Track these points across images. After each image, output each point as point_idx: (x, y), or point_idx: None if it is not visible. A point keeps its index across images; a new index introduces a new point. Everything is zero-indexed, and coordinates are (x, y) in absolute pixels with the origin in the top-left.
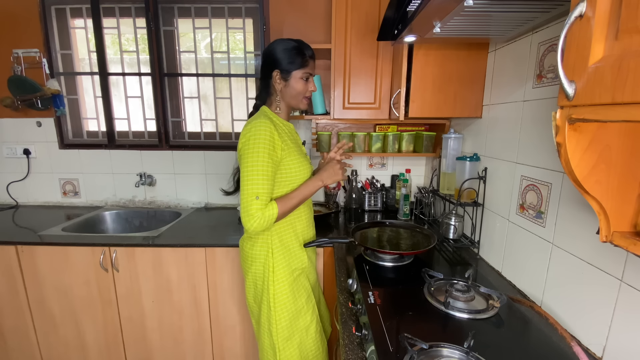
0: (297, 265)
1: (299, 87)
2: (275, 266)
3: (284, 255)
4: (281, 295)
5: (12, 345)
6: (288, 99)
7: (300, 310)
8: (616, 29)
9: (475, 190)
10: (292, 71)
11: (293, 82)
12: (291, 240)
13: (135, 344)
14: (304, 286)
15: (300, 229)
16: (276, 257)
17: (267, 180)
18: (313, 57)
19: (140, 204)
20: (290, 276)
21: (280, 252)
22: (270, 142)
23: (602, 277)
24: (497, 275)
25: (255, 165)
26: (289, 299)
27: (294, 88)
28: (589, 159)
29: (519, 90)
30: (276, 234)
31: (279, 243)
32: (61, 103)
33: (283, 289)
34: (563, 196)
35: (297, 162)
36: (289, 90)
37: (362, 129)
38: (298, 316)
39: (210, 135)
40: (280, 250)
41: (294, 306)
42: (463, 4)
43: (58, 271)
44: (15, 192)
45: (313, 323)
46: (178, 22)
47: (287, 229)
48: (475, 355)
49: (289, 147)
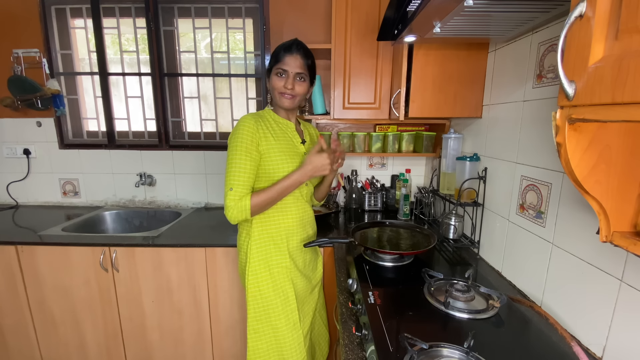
0: (275, 262)
1: (274, 83)
2: (251, 257)
3: (261, 248)
4: (254, 286)
5: (12, 345)
6: (272, 96)
7: (271, 308)
8: (616, 29)
9: (475, 190)
10: (272, 67)
11: (271, 79)
12: (274, 235)
13: (135, 344)
14: (281, 287)
15: (285, 227)
16: (252, 248)
17: (243, 173)
18: (290, 52)
19: (140, 204)
20: (266, 271)
21: (257, 245)
22: (248, 137)
23: (602, 277)
24: (497, 275)
25: (232, 159)
26: (260, 293)
27: (271, 85)
28: (589, 159)
29: (519, 90)
30: (257, 227)
31: (257, 235)
32: (61, 103)
33: (256, 280)
34: (563, 196)
35: (277, 159)
36: (269, 89)
37: (362, 129)
38: (269, 313)
39: (210, 135)
40: (258, 242)
41: (264, 301)
42: (463, 4)
43: (58, 271)
44: (15, 192)
45: (287, 330)
46: (178, 22)
47: (270, 223)
48: (475, 355)
49: (269, 144)
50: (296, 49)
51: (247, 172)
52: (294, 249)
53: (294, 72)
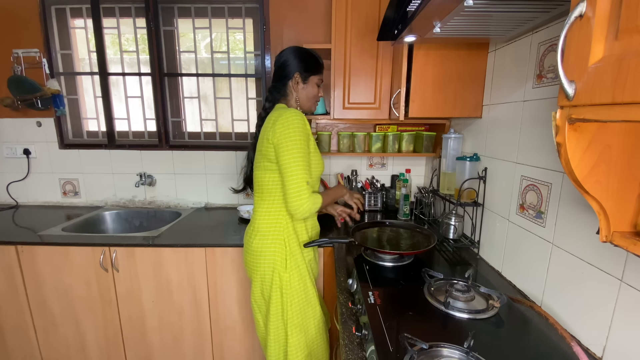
0: (307, 256)
1: (315, 91)
2: (289, 255)
3: (297, 245)
4: (294, 282)
5: (12, 345)
6: (303, 100)
7: (310, 300)
8: (616, 29)
9: (475, 190)
10: (311, 75)
11: (310, 85)
12: (302, 233)
13: (135, 344)
14: (310, 278)
15: (310, 224)
16: (292, 246)
17: (307, 168)
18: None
19: (140, 204)
20: (303, 265)
21: (295, 243)
22: (305, 132)
23: (602, 277)
24: (497, 275)
25: (300, 153)
26: (300, 287)
27: (310, 91)
28: (589, 159)
29: (519, 90)
30: (291, 226)
31: (293, 234)
32: (61, 103)
33: (295, 277)
34: (563, 196)
35: (316, 157)
36: (305, 93)
37: (362, 129)
38: (308, 305)
39: (210, 135)
40: (295, 241)
41: (305, 295)
42: (463, 4)
43: (58, 271)
44: (15, 192)
45: (320, 314)
46: (178, 22)
47: (300, 221)
48: (475, 355)
49: (312, 142)
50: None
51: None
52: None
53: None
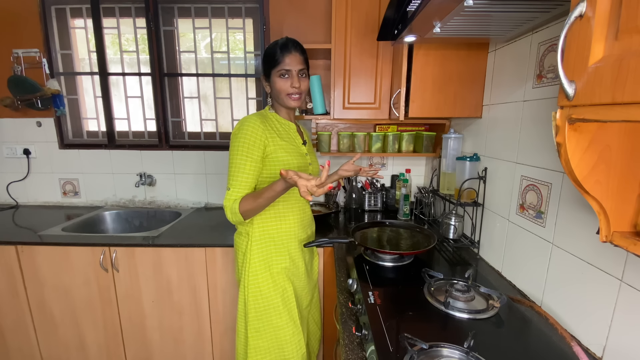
0: (276, 262)
1: (279, 85)
2: (251, 257)
3: (262, 248)
4: (254, 286)
5: (12, 345)
6: (276, 97)
7: (272, 308)
8: (616, 29)
9: (475, 190)
10: (271, 71)
11: (273, 82)
12: (274, 236)
13: (135, 344)
14: (281, 286)
15: (286, 228)
16: (253, 248)
17: (242, 174)
18: (288, 51)
19: (140, 204)
20: (266, 271)
21: (258, 245)
22: (251, 137)
23: (602, 277)
24: (497, 275)
25: (233, 159)
26: (261, 292)
27: (274, 88)
28: (589, 159)
29: (519, 90)
30: (258, 227)
31: (259, 236)
32: (61, 103)
33: (256, 280)
34: (563, 196)
35: (284, 160)
36: (274, 90)
37: (362, 129)
38: (269, 312)
39: (210, 135)
40: (259, 243)
41: (265, 301)
42: (463, 4)
43: (58, 271)
44: (15, 192)
45: (288, 328)
46: (178, 22)
47: (271, 224)
48: (475, 355)
49: (276, 144)
50: (293, 46)
51: (246, 173)
52: (294, 249)
53: (296, 70)
